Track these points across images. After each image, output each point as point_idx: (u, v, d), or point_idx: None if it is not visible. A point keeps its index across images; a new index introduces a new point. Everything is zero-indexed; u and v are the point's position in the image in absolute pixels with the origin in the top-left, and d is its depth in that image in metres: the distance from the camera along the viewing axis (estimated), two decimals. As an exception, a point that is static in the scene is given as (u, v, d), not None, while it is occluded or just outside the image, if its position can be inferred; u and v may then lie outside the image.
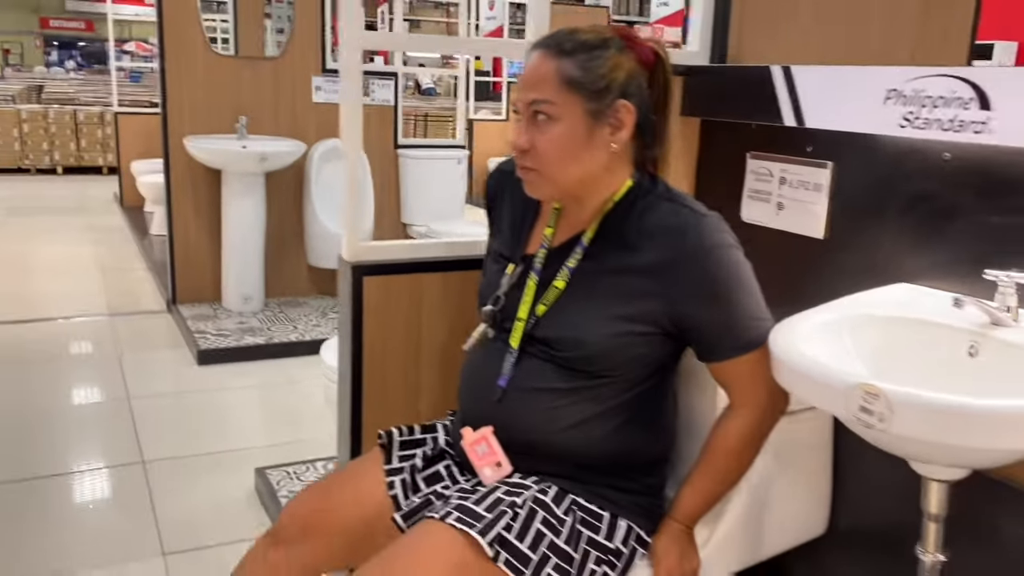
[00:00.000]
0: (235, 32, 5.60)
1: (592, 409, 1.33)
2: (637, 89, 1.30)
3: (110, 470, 2.79)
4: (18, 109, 9.28)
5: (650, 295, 1.29)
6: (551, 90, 1.26)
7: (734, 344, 1.30)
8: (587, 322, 1.31)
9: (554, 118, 1.26)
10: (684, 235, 1.27)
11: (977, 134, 1.33)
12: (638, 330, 1.30)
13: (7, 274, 5.25)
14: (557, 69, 1.26)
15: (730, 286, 1.28)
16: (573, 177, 1.30)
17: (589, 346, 1.30)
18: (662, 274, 1.27)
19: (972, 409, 1.07)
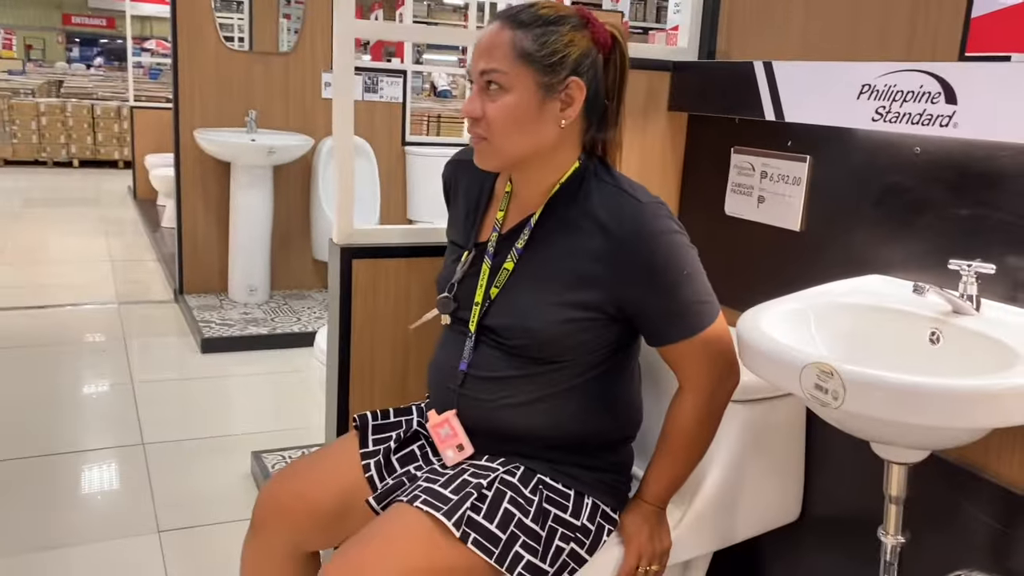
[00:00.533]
0: (250, 29, 5.70)
1: (547, 392, 1.36)
2: (590, 68, 1.31)
3: (111, 450, 2.85)
4: (37, 102, 9.42)
5: (594, 280, 1.30)
6: (504, 60, 1.27)
7: (679, 328, 1.32)
8: (534, 309, 1.32)
9: (505, 88, 1.28)
10: (626, 221, 1.28)
11: (943, 128, 1.37)
12: (583, 316, 1.31)
13: (22, 263, 5.35)
14: (512, 40, 1.27)
15: (672, 272, 1.29)
16: (521, 149, 1.31)
17: (536, 333, 1.33)
18: (605, 260, 1.29)
19: (923, 387, 1.10)
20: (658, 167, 2.03)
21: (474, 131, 1.32)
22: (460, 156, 1.56)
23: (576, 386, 1.37)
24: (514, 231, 1.39)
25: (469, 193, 1.50)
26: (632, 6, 11.83)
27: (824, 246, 1.69)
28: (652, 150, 2.02)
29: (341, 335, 1.83)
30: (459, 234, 1.49)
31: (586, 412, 1.38)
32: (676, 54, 1.99)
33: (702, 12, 1.99)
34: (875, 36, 1.63)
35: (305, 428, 3.05)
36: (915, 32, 1.55)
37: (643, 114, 1.98)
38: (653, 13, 12.51)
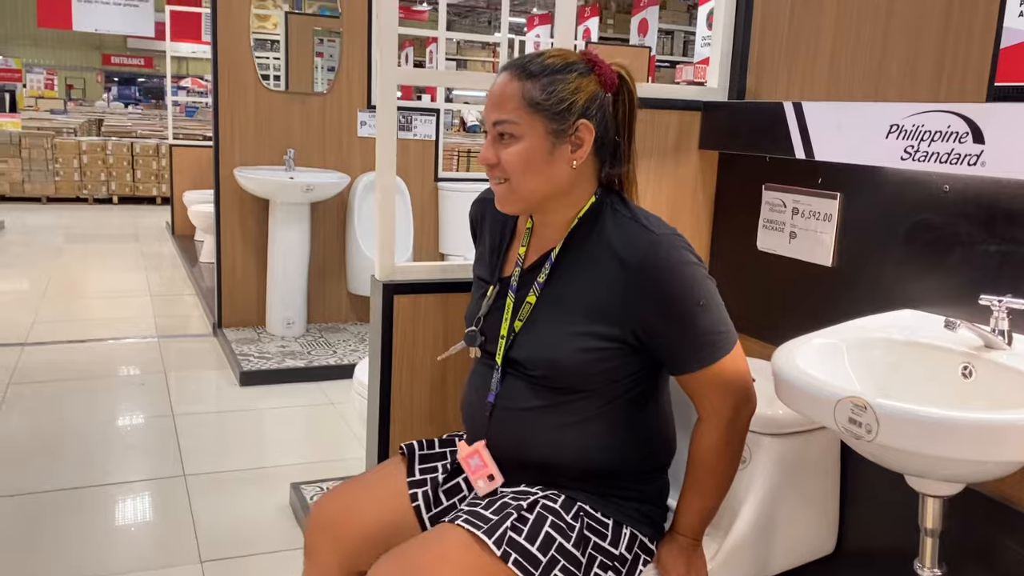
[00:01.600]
0: (286, 69, 5.84)
1: (574, 421, 1.39)
2: (598, 110, 1.36)
3: (153, 482, 2.92)
4: (79, 141, 9.68)
5: (613, 311, 1.34)
6: (515, 111, 1.34)
7: (695, 358, 1.34)
8: (557, 340, 1.37)
9: (517, 136, 1.34)
10: (642, 252, 1.32)
11: (971, 166, 1.40)
12: (604, 345, 1.35)
13: (64, 298, 5.49)
14: (521, 91, 1.34)
15: (687, 302, 1.31)
16: (537, 191, 1.37)
17: (558, 364, 1.37)
18: (623, 290, 1.33)
19: (956, 421, 1.13)
20: (690, 204, 2.07)
21: (491, 176, 1.39)
22: (485, 195, 1.62)
23: (602, 415, 1.40)
24: (536, 265, 1.44)
25: (493, 230, 1.57)
26: (659, 41, 11.96)
27: (856, 281, 1.72)
28: (684, 187, 2.06)
29: (383, 368, 1.88)
30: (485, 269, 1.55)
31: (614, 442, 1.41)
32: (706, 94, 2.04)
33: (731, 53, 2.04)
34: (902, 74, 1.67)
35: (342, 460, 3.10)
36: (943, 66, 1.59)
37: (674, 153, 2.04)
38: (680, 47, 12.64)
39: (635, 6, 12.13)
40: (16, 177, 9.43)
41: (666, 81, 11.35)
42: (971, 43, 1.54)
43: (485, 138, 1.40)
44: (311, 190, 4.26)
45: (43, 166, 9.49)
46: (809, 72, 1.88)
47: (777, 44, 1.96)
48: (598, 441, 1.40)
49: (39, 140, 9.48)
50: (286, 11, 7.15)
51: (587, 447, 1.40)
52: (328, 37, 5.50)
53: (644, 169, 2.02)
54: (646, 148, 2.01)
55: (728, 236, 2.06)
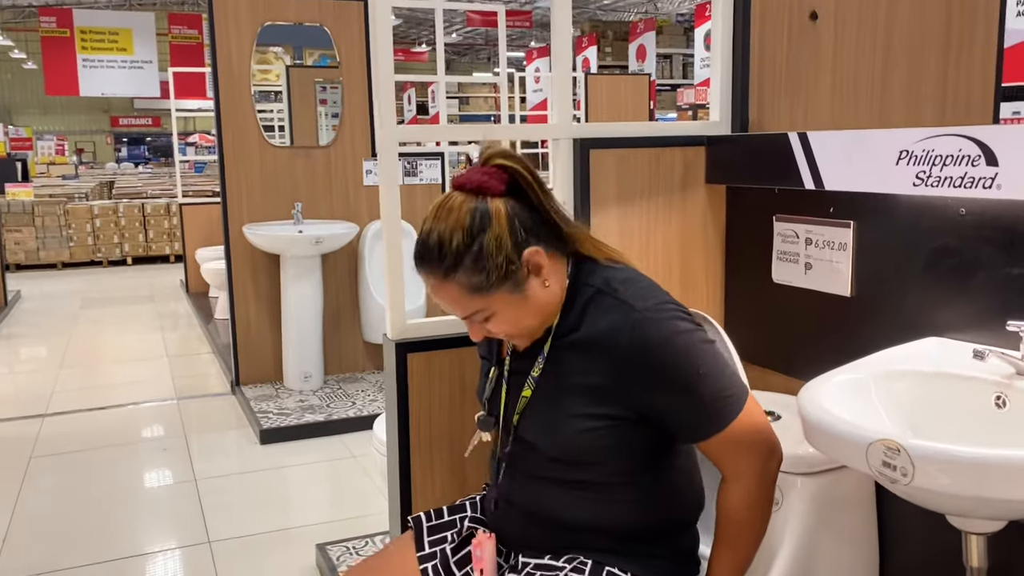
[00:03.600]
0: (290, 123, 5.89)
1: (593, 488, 1.35)
2: (521, 224, 1.27)
3: (179, 551, 2.88)
4: (91, 206, 9.78)
5: (609, 394, 1.28)
6: (470, 303, 1.28)
7: (705, 427, 1.28)
8: (557, 423, 1.32)
9: (490, 313, 1.29)
10: (630, 334, 1.24)
11: (987, 189, 1.37)
12: (605, 424, 1.29)
13: (82, 365, 5.50)
14: (458, 285, 1.26)
15: (685, 375, 1.24)
16: (536, 321, 1.32)
17: (565, 443, 1.31)
18: (615, 375, 1.26)
19: (994, 460, 1.09)
20: (701, 240, 2.04)
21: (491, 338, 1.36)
22: None
23: (622, 479, 1.35)
24: (528, 353, 1.38)
25: None
26: (658, 65, 12.01)
27: (877, 310, 1.68)
28: (694, 223, 2.04)
29: (400, 427, 1.85)
30: (484, 347, 1.50)
31: (635, 504, 1.36)
32: (709, 128, 2.02)
33: (731, 85, 2.02)
34: (906, 96, 1.65)
35: (367, 516, 3.06)
36: (947, 79, 1.56)
37: (681, 189, 2.01)
38: (680, 70, 12.68)
39: (631, 33, 12.21)
40: (31, 245, 9.52)
41: (667, 105, 11.37)
42: (973, 50, 1.52)
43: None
44: (320, 242, 4.27)
45: (57, 232, 9.58)
46: (812, 101, 1.86)
47: (776, 74, 1.94)
48: (618, 505, 1.35)
49: (52, 207, 9.58)
50: (287, 65, 7.24)
51: (607, 510, 1.35)
52: (331, 84, 5.55)
53: (652, 208, 1.99)
54: (652, 186, 1.98)
55: (742, 270, 2.03)
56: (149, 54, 12.36)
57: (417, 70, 17.70)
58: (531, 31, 14.96)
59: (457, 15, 15.18)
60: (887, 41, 1.71)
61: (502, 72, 4.66)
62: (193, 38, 12.53)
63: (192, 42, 12.54)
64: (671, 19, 13.62)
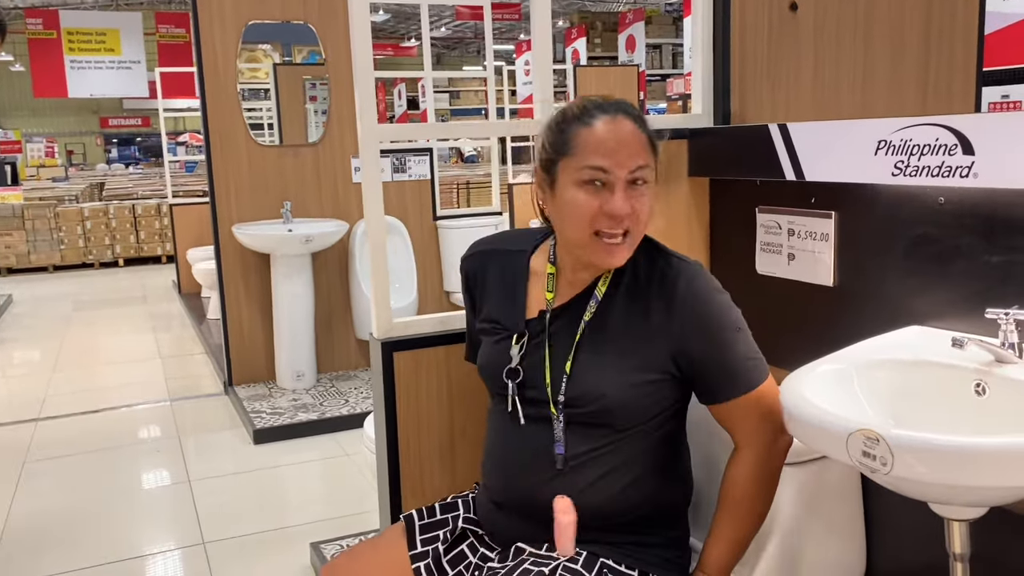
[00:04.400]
0: (279, 121, 5.88)
1: (611, 464, 1.36)
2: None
3: (174, 552, 2.89)
4: (81, 208, 9.75)
5: (656, 341, 1.34)
6: (646, 155, 1.33)
7: (735, 385, 1.35)
8: (606, 376, 1.35)
9: (648, 180, 1.34)
10: (680, 283, 1.34)
11: (964, 178, 1.38)
12: (650, 378, 1.34)
13: (75, 368, 5.49)
14: (642, 133, 1.33)
15: (727, 328, 1.34)
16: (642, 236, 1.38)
17: (610, 399, 1.34)
18: (665, 321, 1.34)
19: (971, 448, 1.09)
20: (685, 232, 2.05)
21: (619, 230, 1.32)
22: (483, 246, 1.58)
23: (635, 456, 1.38)
24: (572, 305, 1.40)
25: (505, 278, 1.50)
26: (648, 55, 12.00)
27: (859, 300, 1.69)
28: (678, 216, 2.04)
29: (388, 426, 1.85)
30: (504, 317, 1.47)
31: (643, 482, 1.38)
32: (692, 121, 2.03)
33: (713, 77, 2.02)
34: (888, 84, 1.65)
35: (361, 513, 3.07)
36: (928, 67, 1.57)
37: (665, 182, 2.01)
38: (669, 60, 12.67)
39: (621, 24, 12.19)
40: (21, 249, 9.50)
41: (658, 95, 11.36)
42: (954, 36, 1.53)
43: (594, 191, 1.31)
44: (310, 241, 4.26)
45: (47, 235, 9.55)
46: (794, 91, 1.86)
47: (758, 66, 1.94)
48: (632, 482, 1.37)
49: (42, 210, 9.55)
50: (274, 63, 7.22)
51: (623, 489, 1.37)
52: (320, 81, 5.54)
53: (636, 201, 1.99)
54: (636, 180, 1.98)
55: (726, 261, 2.03)
56: (137, 54, 12.31)
57: (407, 65, 17.66)
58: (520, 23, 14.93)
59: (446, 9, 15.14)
60: (867, 30, 1.71)
61: (489, 67, 4.66)
62: (181, 37, 12.49)
63: (180, 41, 12.49)
64: (660, 9, 13.60)
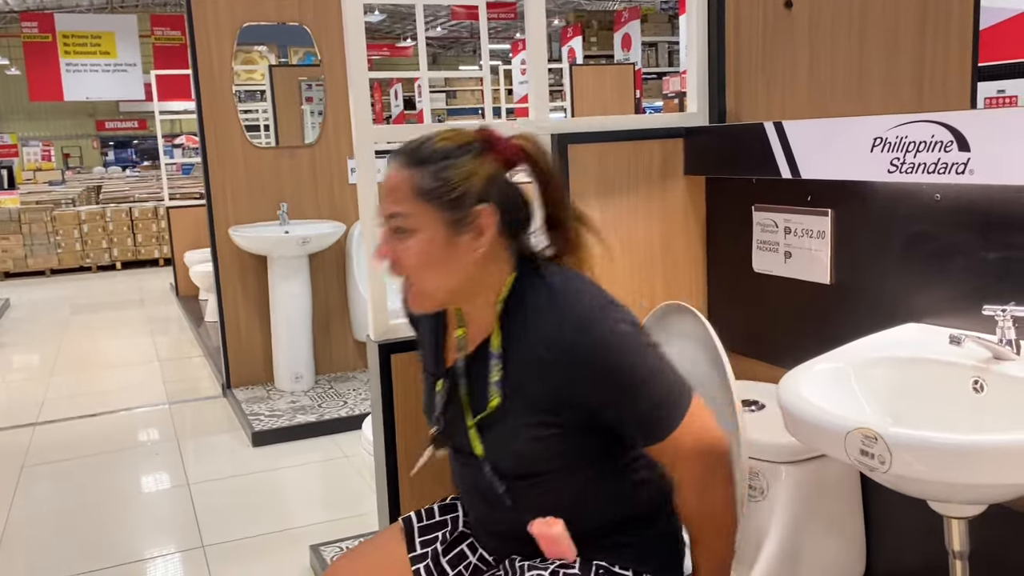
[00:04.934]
0: (275, 122, 5.87)
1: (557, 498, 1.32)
2: (500, 190, 1.25)
3: (174, 556, 2.88)
4: (78, 211, 9.74)
5: (555, 399, 1.24)
6: (406, 202, 1.22)
7: (645, 436, 1.26)
8: (510, 434, 1.28)
9: (412, 230, 1.23)
10: (566, 338, 1.21)
11: (960, 175, 1.37)
12: (555, 432, 1.26)
13: (74, 372, 5.48)
14: (411, 180, 1.22)
15: (623, 378, 1.21)
16: (444, 287, 1.27)
17: (524, 456, 1.29)
18: (563, 379, 1.22)
19: (969, 446, 1.09)
20: (681, 231, 2.05)
21: (393, 274, 1.27)
22: None
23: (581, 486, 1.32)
24: (479, 355, 1.33)
25: (431, 320, 1.45)
26: (644, 53, 12.00)
27: (856, 297, 1.69)
28: (674, 215, 2.04)
29: (386, 428, 1.85)
30: (429, 360, 1.44)
31: (611, 499, 1.34)
32: (687, 120, 2.02)
33: (708, 76, 2.02)
34: (884, 81, 1.65)
35: (361, 515, 3.06)
36: (924, 64, 1.57)
37: (661, 181, 2.01)
38: (665, 58, 12.67)
39: (616, 22, 12.18)
40: (18, 253, 9.48)
41: (654, 93, 11.36)
42: (949, 32, 1.52)
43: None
44: (307, 242, 4.26)
45: (44, 239, 9.54)
46: (789, 89, 1.86)
47: (752, 64, 1.94)
48: (588, 505, 1.33)
49: (38, 214, 9.54)
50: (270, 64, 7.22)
51: (585, 511, 1.34)
52: (316, 82, 5.53)
53: (632, 201, 1.99)
54: (632, 180, 1.98)
55: (724, 260, 2.03)
56: (133, 56, 12.31)
57: (403, 65, 17.65)
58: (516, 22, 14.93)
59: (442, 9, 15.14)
60: (862, 26, 1.71)
61: (485, 67, 4.65)
62: (176, 39, 12.48)
63: (175, 43, 12.48)
64: (656, 7, 13.60)
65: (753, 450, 1.62)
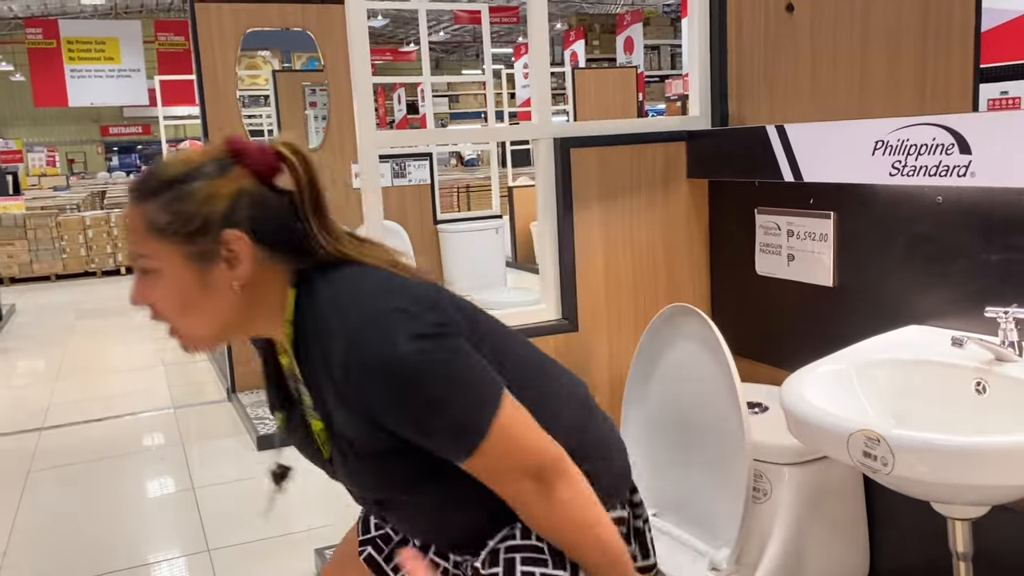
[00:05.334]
0: (278, 128, 5.88)
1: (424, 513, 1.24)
2: (249, 209, 1.09)
3: (179, 560, 2.89)
4: (83, 216, 9.77)
5: (355, 422, 1.10)
6: (143, 242, 1.08)
7: (451, 453, 1.09)
8: (348, 461, 1.15)
9: (156, 270, 1.08)
10: (340, 362, 1.05)
11: (961, 177, 1.38)
12: (385, 454, 1.11)
13: (80, 376, 5.50)
14: (143, 215, 1.07)
15: (409, 399, 1.04)
16: (210, 327, 1.12)
17: (366, 484, 1.18)
18: (355, 398, 1.07)
19: (971, 447, 1.10)
20: (684, 234, 2.05)
21: (155, 320, 1.12)
22: None
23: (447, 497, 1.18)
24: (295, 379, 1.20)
25: (258, 346, 1.31)
26: (646, 56, 12.01)
27: (858, 300, 1.69)
28: (677, 218, 2.04)
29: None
30: (268, 393, 1.32)
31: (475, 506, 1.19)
32: (689, 123, 2.03)
33: (710, 80, 2.03)
34: (886, 84, 1.65)
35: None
36: (926, 66, 1.57)
37: (663, 184, 2.02)
38: (668, 61, 12.68)
39: (619, 25, 12.20)
40: (24, 258, 9.51)
41: (657, 96, 11.37)
42: (951, 35, 1.53)
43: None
44: (311, 247, 4.27)
45: (49, 244, 9.57)
46: (791, 92, 1.86)
47: (755, 67, 1.94)
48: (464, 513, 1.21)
49: (43, 220, 9.57)
50: (274, 70, 7.23)
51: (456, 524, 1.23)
52: (320, 87, 5.55)
53: (635, 204, 2.00)
54: (634, 183, 1.99)
55: (726, 262, 2.04)
56: (137, 62, 12.35)
57: (406, 70, 17.68)
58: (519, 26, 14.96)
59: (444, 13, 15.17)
60: (864, 30, 1.71)
61: (487, 71, 4.67)
62: (180, 45, 12.52)
63: (179, 49, 12.52)
64: (658, 10, 13.62)
65: (757, 452, 1.63)
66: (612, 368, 2.01)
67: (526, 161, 8.83)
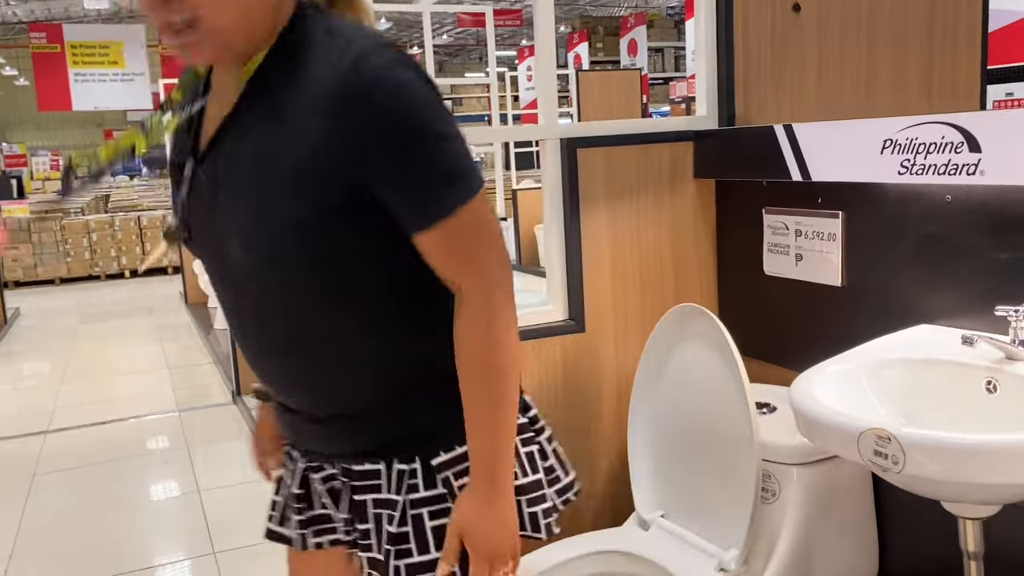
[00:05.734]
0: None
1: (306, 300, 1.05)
2: None
3: (185, 563, 2.89)
4: (87, 220, 9.79)
5: (314, 162, 0.96)
6: None
7: (433, 204, 0.97)
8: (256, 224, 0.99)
9: None
10: (347, 75, 0.94)
11: (971, 176, 1.37)
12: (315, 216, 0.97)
13: (84, 379, 5.51)
14: None
15: (415, 130, 0.95)
16: (236, 11, 0.96)
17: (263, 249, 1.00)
18: (328, 129, 0.95)
19: (983, 446, 1.09)
20: (691, 234, 2.05)
21: (169, 23, 0.96)
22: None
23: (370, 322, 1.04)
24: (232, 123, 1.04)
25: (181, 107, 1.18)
26: (650, 59, 12.01)
27: (867, 299, 1.69)
28: (684, 218, 2.04)
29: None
30: (180, 148, 1.13)
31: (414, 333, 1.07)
32: (696, 123, 2.03)
33: (717, 79, 2.02)
34: (892, 84, 1.65)
35: (371, 521, 3.07)
36: (933, 67, 1.57)
37: (670, 184, 2.01)
38: (672, 63, 12.68)
39: (622, 28, 12.20)
40: (28, 262, 9.53)
41: (661, 98, 11.36)
42: (958, 34, 1.52)
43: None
44: (316, 249, 4.27)
45: (54, 248, 9.59)
46: (798, 92, 1.86)
47: (761, 67, 1.94)
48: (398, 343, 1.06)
49: (48, 223, 9.59)
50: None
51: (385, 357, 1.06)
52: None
53: (642, 204, 2.00)
54: (641, 183, 1.99)
55: (734, 263, 2.03)
56: (140, 66, 12.35)
57: (409, 73, 17.65)
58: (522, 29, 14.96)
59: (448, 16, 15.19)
60: (871, 29, 1.71)
61: (492, 73, 4.67)
62: (184, 49, 12.52)
63: (183, 53, 12.52)
64: (661, 12, 13.61)
65: (765, 452, 1.62)
66: (619, 369, 2.01)
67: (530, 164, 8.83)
